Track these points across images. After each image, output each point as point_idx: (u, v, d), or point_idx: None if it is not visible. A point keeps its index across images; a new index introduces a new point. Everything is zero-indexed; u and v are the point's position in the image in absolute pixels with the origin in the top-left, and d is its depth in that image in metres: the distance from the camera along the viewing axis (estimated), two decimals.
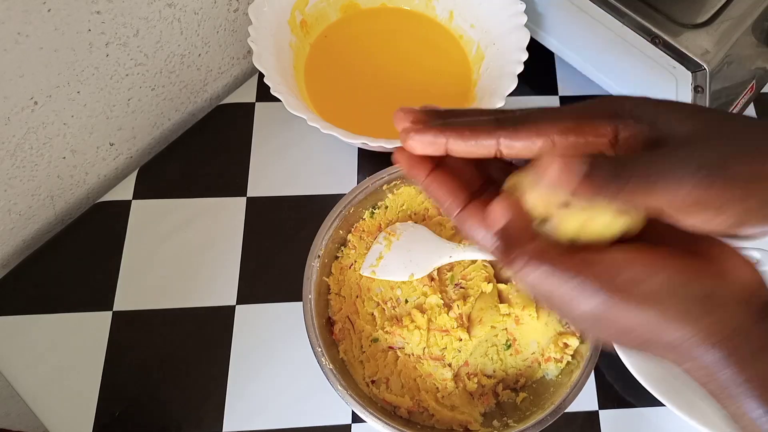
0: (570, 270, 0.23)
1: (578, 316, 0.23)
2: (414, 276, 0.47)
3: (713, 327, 0.22)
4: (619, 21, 0.52)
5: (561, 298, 0.23)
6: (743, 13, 0.51)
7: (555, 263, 0.23)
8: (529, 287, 0.24)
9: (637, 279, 0.22)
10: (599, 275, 0.23)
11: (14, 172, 0.50)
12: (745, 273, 0.23)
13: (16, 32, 0.42)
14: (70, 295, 0.53)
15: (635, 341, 0.23)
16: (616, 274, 0.22)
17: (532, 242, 0.24)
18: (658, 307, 0.22)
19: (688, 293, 0.22)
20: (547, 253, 0.23)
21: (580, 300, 0.23)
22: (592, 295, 0.22)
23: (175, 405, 0.50)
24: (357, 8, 0.64)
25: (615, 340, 0.24)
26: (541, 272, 0.23)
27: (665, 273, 0.22)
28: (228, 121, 0.61)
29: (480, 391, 0.47)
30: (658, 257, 0.23)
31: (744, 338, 0.22)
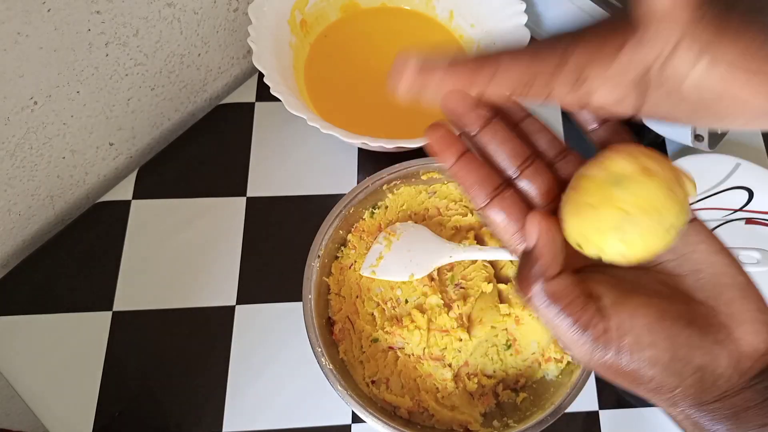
0: (580, 321, 0.23)
1: (576, 357, 0.24)
2: (414, 276, 0.47)
3: (698, 394, 0.23)
4: None
5: (564, 338, 0.24)
6: None
7: (567, 309, 0.23)
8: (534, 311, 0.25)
9: (635, 347, 0.23)
10: (606, 333, 0.23)
11: (14, 172, 0.50)
12: (754, 339, 0.23)
13: (16, 32, 0.42)
14: (70, 295, 0.53)
15: (626, 385, 0.24)
16: (620, 336, 0.23)
17: (552, 278, 0.24)
18: (654, 370, 0.23)
19: (683, 365, 0.23)
20: (563, 295, 0.24)
21: (583, 348, 0.23)
22: (594, 350, 0.23)
23: (175, 405, 0.50)
24: (357, 8, 0.64)
25: (606, 378, 0.25)
26: (552, 311, 0.24)
27: (666, 344, 0.23)
28: (228, 121, 0.61)
29: (480, 392, 0.47)
30: (666, 323, 0.23)
31: (724, 403, 0.23)
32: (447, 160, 0.27)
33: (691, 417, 0.24)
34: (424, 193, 0.53)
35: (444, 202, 0.53)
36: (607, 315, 0.23)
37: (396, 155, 0.55)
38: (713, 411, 0.23)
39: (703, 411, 0.23)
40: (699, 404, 0.23)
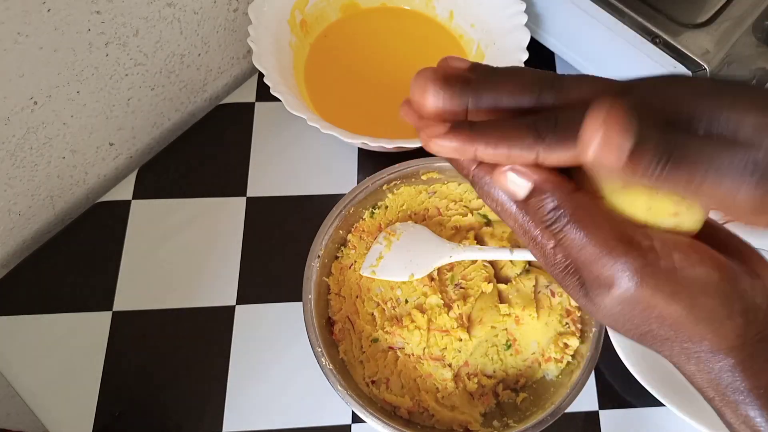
0: (619, 242, 0.21)
1: (607, 302, 0.21)
2: (414, 276, 0.47)
3: (744, 327, 0.21)
4: (619, 21, 0.52)
5: (593, 274, 0.21)
6: (743, 13, 0.51)
7: (600, 229, 0.21)
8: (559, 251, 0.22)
9: (684, 264, 0.21)
10: (652, 250, 0.21)
11: (14, 172, 0.50)
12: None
13: (16, 32, 0.42)
14: (70, 295, 0.53)
15: (656, 333, 0.22)
16: (661, 257, 0.21)
17: (574, 193, 0.21)
18: (701, 298, 0.21)
19: (732, 288, 0.21)
20: (591, 214, 0.21)
21: (620, 278, 0.21)
22: (635, 275, 0.21)
23: (175, 405, 0.50)
24: (357, 8, 0.64)
25: (633, 329, 0.22)
26: (583, 237, 0.21)
27: (713, 263, 0.21)
28: (228, 121, 0.61)
29: (480, 392, 0.47)
30: (704, 247, 0.22)
31: (761, 347, 0.22)
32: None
33: (727, 371, 0.22)
34: (424, 193, 0.53)
35: (444, 202, 0.53)
36: (648, 234, 0.21)
37: (396, 155, 0.55)
38: (756, 354, 0.22)
39: (745, 354, 0.22)
40: (742, 344, 0.22)
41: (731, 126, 0.19)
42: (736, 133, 0.19)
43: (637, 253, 0.21)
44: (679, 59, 0.49)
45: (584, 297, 0.22)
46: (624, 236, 0.21)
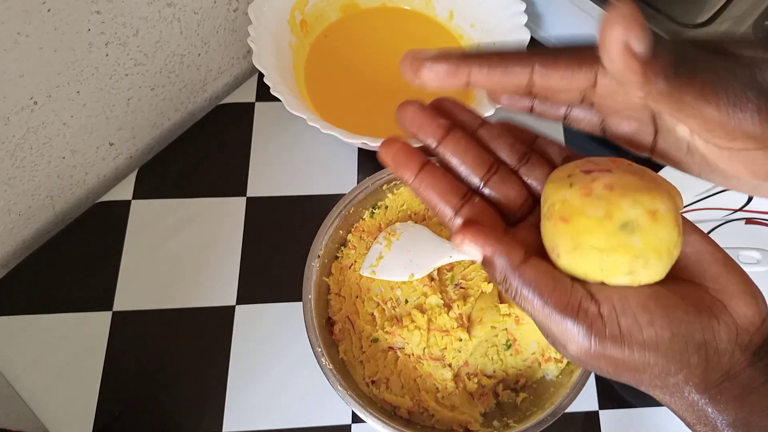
0: (569, 307, 0.22)
1: (572, 353, 0.23)
2: (414, 276, 0.47)
3: (703, 374, 0.22)
4: None
5: (556, 331, 0.23)
6: (743, 13, 0.51)
7: (553, 295, 0.22)
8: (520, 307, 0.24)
9: (633, 328, 0.22)
10: (600, 318, 0.22)
11: (14, 172, 0.50)
12: (747, 311, 0.22)
13: (16, 32, 0.42)
14: (70, 295, 0.53)
15: (623, 377, 0.23)
16: (615, 319, 0.22)
17: (527, 263, 0.23)
18: (652, 356, 0.22)
19: (685, 343, 0.22)
20: (543, 281, 0.22)
21: (578, 340, 0.22)
22: (591, 340, 0.22)
23: (175, 405, 0.50)
24: (357, 8, 0.64)
25: (602, 373, 0.24)
26: (536, 300, 0.22)
27: (663, 321, 0.22)
28: (228, 121, 0.61)
29: (480, 392, 0.47)
30: (659, 303, 0.22)
31: (729, 383, 0.22)
32: (407, 174, 0.25)
33: (698, 406, 0.23)
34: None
35: None
36: (597, 299, 0.22)
37: None
38: (720, 393, 0.22)
39: (710, 395, 0.22)
40: (705, 387, 0.22)
41: None
42: None
43: (583, 320, 0.22)
44: None
45: (555, 348, 0.24)
46: (572, 303, 0.22)
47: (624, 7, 0.18)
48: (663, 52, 0.19)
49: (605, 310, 0.22)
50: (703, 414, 0.23)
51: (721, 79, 0.19)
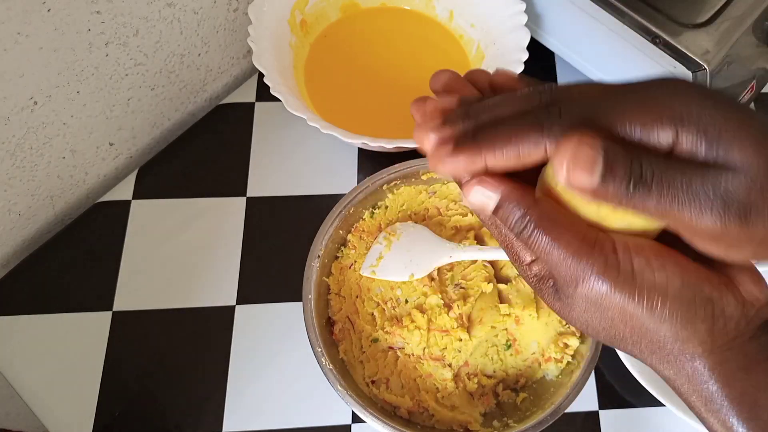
0: (587, 238, 0.22)
1: (577, 296, 0.22)
2: (414, 276, 0.47)
3: (709, 334, 0.22)
4: (619, 21, 0.52)
5: (563, 271, 0.22)
6: (743, 13, 0.51)
7: (571, 228, 0.22)
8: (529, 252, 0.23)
9: (645, 268, 0.21)
10: (614, 253, 0.22)
11: (14, 172, 0.50)
12: (753, 288, 0.22)
13: (16, 32, 0.42)
14: (70, 295, 0.53)
15: (624, 334, 0.23)
16: (625, 259, 0.22)
17: (538, 202, 0.22)
18: (661, 301, 0.21)
19: (694, 294, 0.21)
20: (561, 216, 0.22)
21: (585, 277, 0.22)
22: (598, 275, 0.21)
23: (175, 405, 0.50)
24: (357, 8, 0.64)
25: (603, 331, 0.23)
26: (553, 235, 0.22)
27: (675, 269, 0.22)
28: (228, 121, 0.61)
29: (480, 392, 0.47)
30: (671, 253, 0.22)
31: (735, 352, 0.22)
32: None
33: (701, 378, 0.22)
34: (424, 193, 0.53)
35: (444, 202, 0.53)
36: (612, 238, 0.22)
37: (396, 155, 0.55)
38: (726, 362, 0.22)
39: (714, 361, 0.22)
40: (710, 350, 0.22)
41: (713, 152, 0.20)
42: (714, 159, 0.20)
43: (598, 254, 0.22)
44: (679, 59, 0.49)
45: (558, 301, 0.24)
46: (587, 239, 0.22)
47: (571, 146, 0.20)
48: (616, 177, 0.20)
49: (620, 248, 0.22)
50: (706, 389, 0.22)
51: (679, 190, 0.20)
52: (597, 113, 0.21)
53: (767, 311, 0.23)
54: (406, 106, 0.64)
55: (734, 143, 0.20)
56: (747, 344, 0.22)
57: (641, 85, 0.22)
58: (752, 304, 0.22)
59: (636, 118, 0.20)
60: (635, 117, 0.21)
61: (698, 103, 0.20)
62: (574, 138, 0.20)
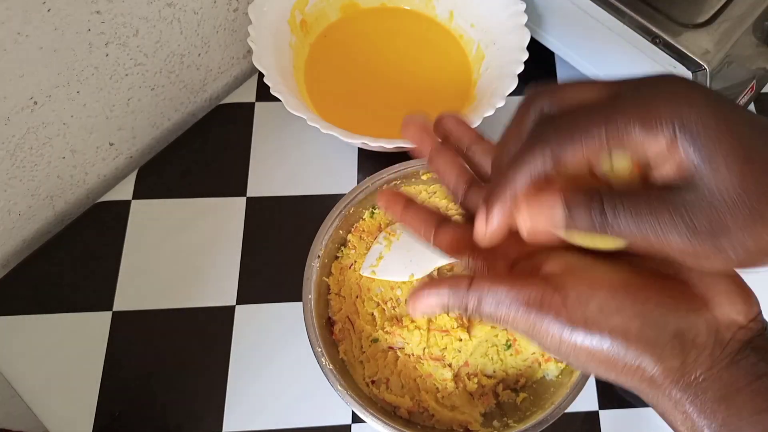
0: (531, 297, 0.22)
1: (546, 345, 0.23)
2: (414, 276, 0.47)
3: (682, 368, 0.22)
4: (619, 21, 0.52)
5: (524, 327, 0.23)
6: (743, 13, 0.51)
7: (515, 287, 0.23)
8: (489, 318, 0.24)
9: (599, 315, 0.22)
10: (565, 306, 0.22)
11: (14, 172, 0.50)
12: (730, 310, 0.22)
13: (16, 32, 0.42)
14: (70, 295, 0.53)
15: (602, 369, 0.23)
16: (582, 306, 0.22)
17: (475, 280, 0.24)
18: (624, 344, 0.21)
19: (657, 332, 0.21)
20: (497, 285, 0.23)
21: (548, 332, 0.22)
22: (560, 329, 0.22)
23: (175, 405, 0.50)
24: (357, 8, 0.64)
25: (584, 368, 0.23)
26: (501, 310, 0.23)
27: (633, 309, 0.22)
28: (228, 121, 0.61)
29: (480, 392, 0.47)
30: (630, 291, 0.22)
31: (713, 382, 0.22)
32: (396, 210, 0.29)
33: (683, 407, 0.22)
34: (424, 193, 0.53)
35: (444, 202, 0.53)
36: (562, 287, 0.22)
37: (396, 155, 0.55)
38: (703, 392, 0.22)
39: (693, 394, 0.22)
40: (686, 384, 0.22)
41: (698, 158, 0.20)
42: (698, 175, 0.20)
43: (547, 310, 0.22)
44: (679, 59, 0.49)
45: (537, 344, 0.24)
46: (533, 297, 0.23)
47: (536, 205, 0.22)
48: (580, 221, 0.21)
49: (572, 297, 0.22)
50: (690, 418, 0.22)
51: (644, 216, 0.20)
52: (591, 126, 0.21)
53: (745, 333, 0.22)
54: (406, 106, 0.64)
55: (713, 157, 0.20)
56: (725, 372, 0.22)
57: (636, 86, 0.22)
58: (727, 327, 0.22)
59: (633, 124, 0.21)
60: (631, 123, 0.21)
61: (695, 109, 0.20)
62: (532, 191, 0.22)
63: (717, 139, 0.20)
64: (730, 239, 0.20)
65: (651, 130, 0.20)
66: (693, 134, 0.20)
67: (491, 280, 0.23)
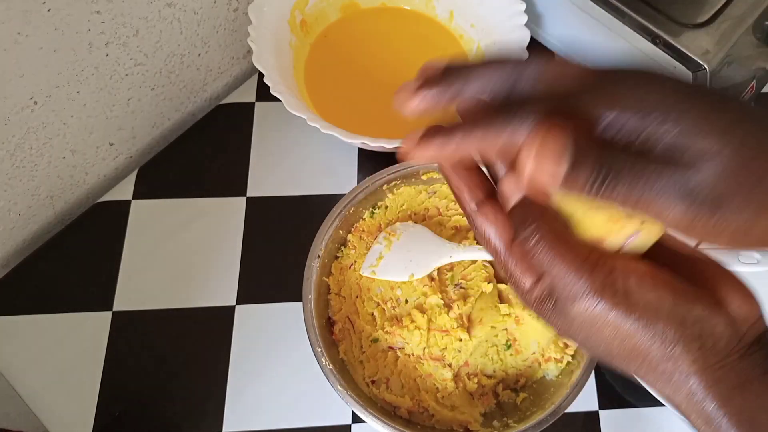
0: (588, 259, 0.22)
1: (572, 314, 0.23)
2: (414, 276, 0.47)
3: (700, 353, 0.22)
4: (619, 21, 0.52)
5: (560, 287, 0.23)
6: (743, 13, 0.51)
7: (573, 249, 0.23)
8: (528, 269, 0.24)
9: (639, 288, 0.22)
10: (611, 273, 0.22)
11: (14, 172, 0.50)
12: (743, 305, 0.23)
13: (16, 32, 0.42)
14: (70, 295, 0.53)
15: (619, 352, 0.23)
16: (619, 279, 0.22)
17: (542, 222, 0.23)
18: (653, 320, 0.22)
19: (685, 314, 0.22)
20: (560, 238, 0.23)
21: (583, 295, 0.22)
22: (595, 294, 0.22)
23: (175, 405, 0.50)
24: (357, 8, 0.64)
25: (599, 349, 0.24)
26: (554, 254, 0.23)
27: (667, 289, 0.22)
28: (228, 121, 0.61)
29: (480, 392, 0.47)
30: (664, 275, 0.23)
31: (728, 371, 0.22)
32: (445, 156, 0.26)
33: (697, 396, 0.23)
34: (424, 193, 0.53)
35: (444, 202, 0.53)
36: (603, 260, 0.23)
37: (396, 155, 0.55)
38: (720, 381, 0.22)
39: (708, 380, 0.22)
40: (703, 368, 0.22)
41: (678, 147, 0.20)
42: (681, 154, 0.20)
43: (598, 273, 0.22)
44: (679, 59, 0.49)
45: (556, 317, 0.24)
46: (589, 259, 0.23)
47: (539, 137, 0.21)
48: (585, 166, 0.20)
49: (618, 269, 0.23)
50: (704, 410, 0.23)
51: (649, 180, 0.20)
52: (576, 103, 0.22)
53: (758, 328, 0.23)
54: None
55: (700, 133, 0.20)
56: (739, 363, 0.22)
57: (618, 75, 0.22)
58: (743, 322, 0.23)
59: (612, 107, 0.21)
60: (610, 105, 0.21)
61: (671, 92, 0.21)
62: (542, 129, 0.21)
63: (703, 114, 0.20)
64: (729, 207, 0.20)
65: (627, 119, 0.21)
66: (672, 119, 0.20)
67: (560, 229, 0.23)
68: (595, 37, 0.56)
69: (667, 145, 0.21)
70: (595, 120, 0.21)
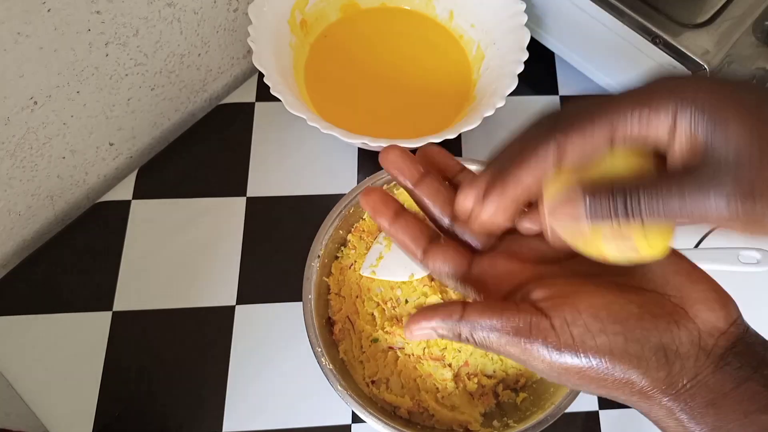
0: (521, 325, 0.23)
1: (539, 369, 0.24)
2: (414, 276, 0.47)
3: (668, 378, 0.22)
4: (619, 21, 0.52)
5: (516, 352, 0.23)
6: (743, 13, 0.51)
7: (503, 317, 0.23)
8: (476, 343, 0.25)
9: (585, 335, 0.22)
10: (553, 329, 0.23)
11: (14, 172, 0.50)
12: (710, 317, 0.23)
13: (16, 32, 0.42)
14: (70, 295, 0.53)
15: (593, 386, 0.23)
16: (563, 332, 0.23)
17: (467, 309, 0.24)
18: (611, 358, 0.22)
19: (641, 347, 0.22)
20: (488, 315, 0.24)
21: (539, 356, 0.23)
22: (550, 353, 0.23)
23: (175, 405, 0.50)
24: (357, 8, 0.64)
25: (576, 387, 0.24)
26: (491, 337, 0.24)
27: (615, 328, 0.22)
28: (228, 121, 0.61)
29: (480, 392, 0.47)
30: (611, 312, 0.23)
31: (700, 388, 0.22)
32: (384, 220, 0.28)
33: (675, 414, 0.23)
34: None
35: None
36: (550, 312, 0.23)
37: None
38: (692, 399, 0.22)
39: (682, 402, 0.23)
40: (675, 393, 0.23)
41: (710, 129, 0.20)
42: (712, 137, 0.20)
43: (536, 336, 0.23)
44: (679, 59, 0.50)
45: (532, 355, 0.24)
46: (522, 324, 0.23)
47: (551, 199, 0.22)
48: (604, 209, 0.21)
49: (557, 322, 0.23)
50: (682, 424, 0.23)
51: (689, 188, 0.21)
52: (594, 116, 0.22)
53: (728, 337, 0.23)
54: (406, 106, 0.64)
55: (720, 122, 0.20)
56: (711, 378, 0.22)
57: (638, 85, 0.22)
58: (710, 334, 0.23)
59: (634, 109, 0.21)
60: (632, 108, 0.21)
61: (692, 86, 0.21)
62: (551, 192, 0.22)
63: (718, 103, 0.20)
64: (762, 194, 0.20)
65: (651, 112, 0.21)
66: (693, 105, 0.20)
67: (481, 311, 0.24)
68: (595, 37, 0.56)
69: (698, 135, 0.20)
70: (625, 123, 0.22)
